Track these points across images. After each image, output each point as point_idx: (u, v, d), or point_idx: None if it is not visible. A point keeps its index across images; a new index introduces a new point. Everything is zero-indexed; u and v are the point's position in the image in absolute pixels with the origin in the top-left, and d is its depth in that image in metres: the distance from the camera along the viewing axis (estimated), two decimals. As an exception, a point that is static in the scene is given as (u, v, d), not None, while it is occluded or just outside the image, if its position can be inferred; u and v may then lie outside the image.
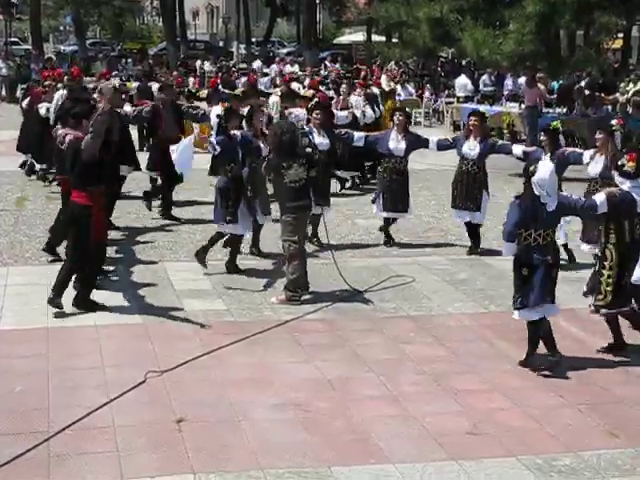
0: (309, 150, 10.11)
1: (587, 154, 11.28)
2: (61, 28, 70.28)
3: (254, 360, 8.04)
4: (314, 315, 9.34)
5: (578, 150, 12.44)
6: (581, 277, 10.92)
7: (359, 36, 54.78)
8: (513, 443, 6.57)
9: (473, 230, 12.24)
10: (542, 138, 11.84)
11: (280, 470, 6.11)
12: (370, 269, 11.13)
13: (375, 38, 48.80)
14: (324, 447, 6.44)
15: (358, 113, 16.93)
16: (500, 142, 12.79)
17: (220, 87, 22.88)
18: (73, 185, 9.19)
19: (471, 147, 12.00)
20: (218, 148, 10.60)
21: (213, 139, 10.89)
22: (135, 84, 22.46)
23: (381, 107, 19.39)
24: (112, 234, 11.58)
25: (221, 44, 61.61)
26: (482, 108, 23.91)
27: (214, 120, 10.60)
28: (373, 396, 7.36)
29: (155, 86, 19.25)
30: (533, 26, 23.76)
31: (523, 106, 22.85)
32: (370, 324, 9.15)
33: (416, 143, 12.43)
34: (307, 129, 12.17)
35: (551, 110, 22.84)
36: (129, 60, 42.04)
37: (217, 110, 11.38)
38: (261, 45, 56.89)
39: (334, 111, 15.63)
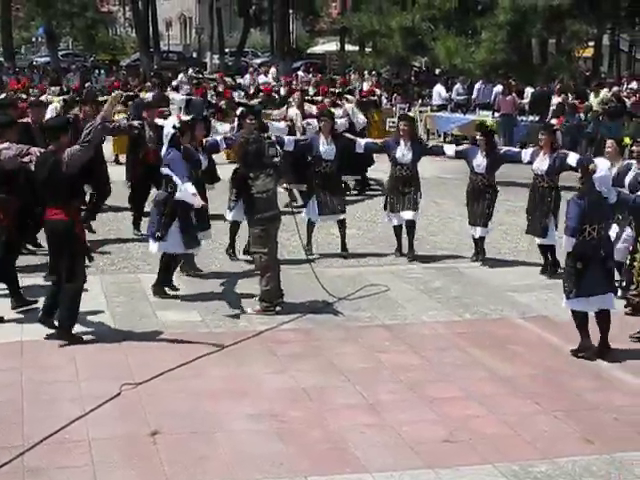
0: (276, 160, 10.08)
1: (526, 153, 11.75)
2: (33, 39, 69.96)
3: (230, 371, 8.02)
4: (289, 325, 9.33)
5: (514, 149, 12.69)
6: (556, 284, 10.98)
7: (332, 46, 54.92)
8: (489, 450, 6.58)
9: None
10: (478, 137, 12.20)
11: (256, 481, 6.10)
12: (345, 278, 11.13)
13: (349, 48, 48.92)
14: (300, 457, 6.43)
15: (354, 120, 17.14)
16: (431, 144, 12.86)
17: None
18: (49, 202, 8.62)
19: (404, 152, 12.07)
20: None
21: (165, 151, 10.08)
22: (149, 94, 22.37)
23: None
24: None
25: (194, 55, 61.49)
26: (455, 116, 24.16)
27: (168, 131, 10.13)
28: (349, 405, 7.36)
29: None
30: (505, 35, 23.99)
31: (497, 114, 22.95)
32: (345, 333, 9.15)
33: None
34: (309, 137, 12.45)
35: (524, 118, 22.92)
36: (102, 71, 41.91)
37: (173, 121, 10.85)
38: (235, 55, 56.85)
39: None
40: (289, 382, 7.81)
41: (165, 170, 9.86)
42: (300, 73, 39.49)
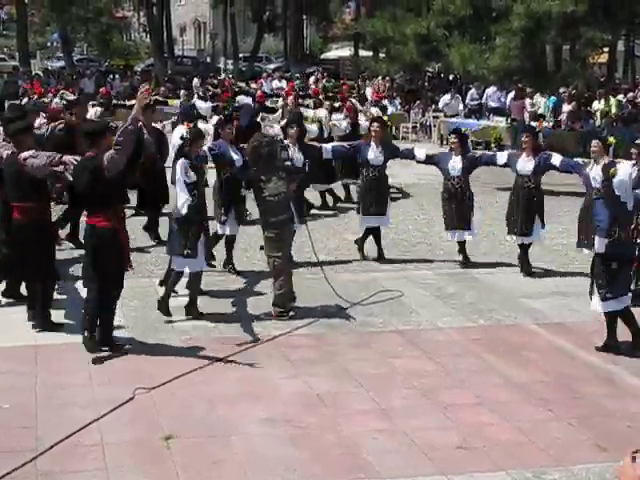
0: (288, 163, 10.08)
1: (502, 155, 12.17)
2: (48, 45, 70.22)
3: (243, 376, 8.02)
4: (303, 330, 9.33)
5: (489, 152, 12.79)
6: (568, 291, 10.96)
7: (346, 51, 54.93)
8: (502, 457, 6.57)
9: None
10: (452, 140, 12.36)
11: (270, 486, 6.10)
12: (359, 283, 11.13)
13: (362, 53, 48.93)
14: (314, 462, 6.42)
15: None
16: (403, 149, 12.88)
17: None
18: (91, 208, 8.44)
19: (376, 154, 12.18)
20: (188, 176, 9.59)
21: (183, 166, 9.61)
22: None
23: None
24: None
25: (208, 60, 61.63)
26: (469, 122, 24.12)
27: (176, 141, 9.91)
28: (362, 411, 7.35)
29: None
30: (519, 41, 23.93)
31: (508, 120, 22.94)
32: (359, 338, 9.15)
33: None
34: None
35: (536, 124, 22.85)
36: (116, 76, 42.02)
37: (181, 130, 10.74)
38: (248, 61, 56.96)
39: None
40: (303, 387, 7.81)
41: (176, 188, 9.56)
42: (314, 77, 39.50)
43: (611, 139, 12.22)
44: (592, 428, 7.09)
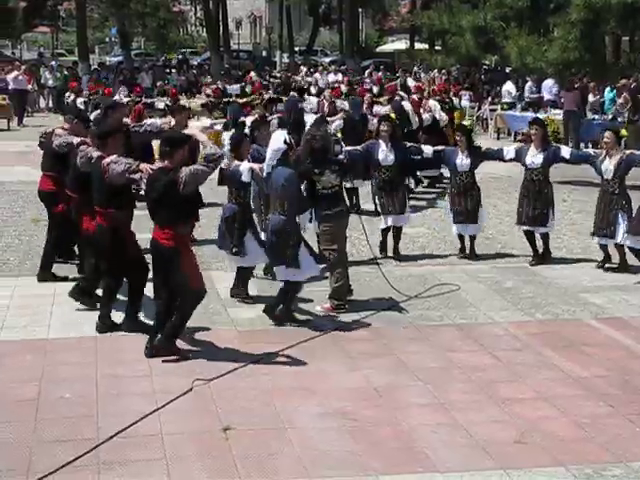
0: (341, 157, 10.07)
1: (508, 151, 12.18)
2: (106, 40, 71.03)
3: (300, 368, 8.04)
4: (360, 323, 9.33)
5: (495, 148, 12.79)
6: (628, 285, 10.84)
7: (402, 44, 54.76)
8: (561, 452, 6.51)
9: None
10: (457, 137, 12.33)
11: (327, 479, 6.11)
12: (415, 277, 11.10)
13: (418, 46, 48.75)
14: (371, 456, 6.43)
15: (437, 116, 17.58)
16: (409, 145, 12.64)
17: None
18: (158, 222, 8.09)
19: (387, 154, 11.97)
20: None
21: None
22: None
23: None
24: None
25: (264, 54, 61.86)
26: (526, 115, 23.88)
27: (279, 146, 9.24)
28: (420, 404, 7.34)
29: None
30: (578, 33, 23.66)
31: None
32: (416, 332, 9.12)
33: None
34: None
35: (597, 116, 22.60)
36: (173, 70, 42.36)
37: (283, 135, 9.89)
38: (304, 54, 57.06)
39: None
40: (360, 380, 7.81)
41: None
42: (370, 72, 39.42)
43: (623, 131, 12.53)
44: (653, 424, 7.01)
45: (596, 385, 7.78)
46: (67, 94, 26.51)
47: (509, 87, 28.09)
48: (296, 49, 59.24)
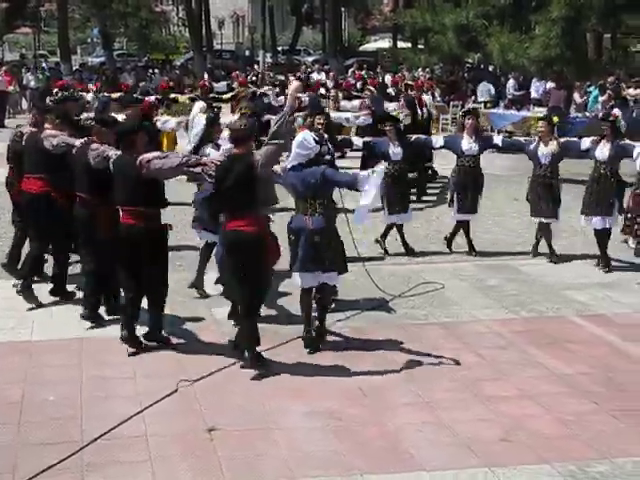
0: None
1: (438, 139, 12.80)
2: (88, 40, 70.75)
3: (285, 368, 8.04)
4: (344, 323, 9.32)
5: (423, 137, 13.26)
6: (612, 282, 10.88)
7: (385, 43, 54.79)
8: (546, 450, 6.53)
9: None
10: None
11: (313, 479, 6.11)
12: (399, 276, 11.11)
13: (401, 45, 48.76)
14: (356, 455, 6.43)
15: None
16: (341, 138, 12.78)
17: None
18: (234, 212, 7.87)
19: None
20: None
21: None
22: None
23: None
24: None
25: (247, 53, 61.78)
26: (510, 113, 23.97)
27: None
28: (405, 403, 7.35)
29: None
30: (559, 30, 23.68)
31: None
32: (401, 331, 9.13)
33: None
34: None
35: (580, 114, 22.68)
36: (156, 71, 42.26)
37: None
38: (287, 54, 57.03)
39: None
40: (345, 380, 7.81)
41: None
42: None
43: (555, 118, 13.46)
44: (638, 420, 7.03)
45: (580, 382, 7.81)
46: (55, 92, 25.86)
47: (486, 86, 28.25)
48: (279, 48, 59.20)
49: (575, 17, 23.50)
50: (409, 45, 44.90)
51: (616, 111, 17.02)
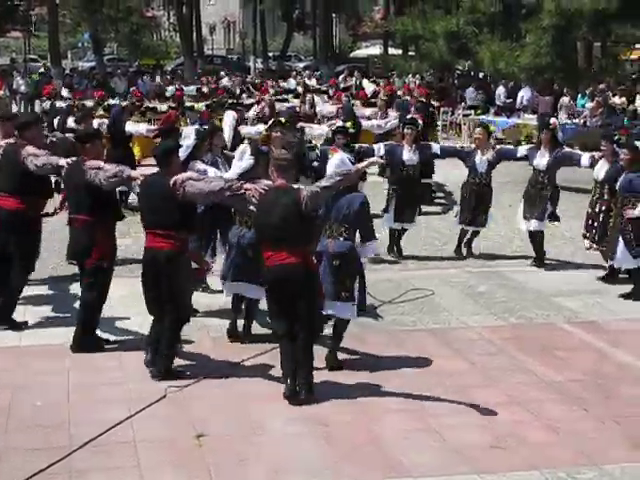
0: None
1: (380, 146, 12.51)
2: (79, 45, 70.67)
3: (274, 374, 8.01)
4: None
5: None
6: (601, 289, 10.90)
7: (376, 49, 54.87)
8: (535, 456, 6.52)
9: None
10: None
11: (301, 485, 6.11)
12: (389, 282, 11.10)
13: (392, 51, 48.86)
14: (345, 461, 6.41)
15: None
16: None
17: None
18: (296, 244, 7.39)
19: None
20: None
21: None
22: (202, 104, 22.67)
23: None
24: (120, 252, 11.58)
25: (238, 59, 61.80)
26: (499, 120, 24.02)
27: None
28: (394, 410, 7.33)
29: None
30: (549, 38, 23.83)
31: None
32: (390, 337, 9.12)
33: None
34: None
35: (569, 121, 22.75)
36: (145, 76, 42.25)
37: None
38: (278, 60, 57.06)
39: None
40: (333, 386, 7.78)
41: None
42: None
43: (492, 127, 14.05)
44: (627, 427, 7.03)
45: (569, 389, 7.81)
46: (44, 100, 24.51)
47: (471, 93, 28.44)
48: (270, 54, 59.20)
49: (565, 26, 23.65)
50: (400, 52, 45.04)
51: (554, 120, 17.30)
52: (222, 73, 38.90)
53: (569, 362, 8.49)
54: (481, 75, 35.11)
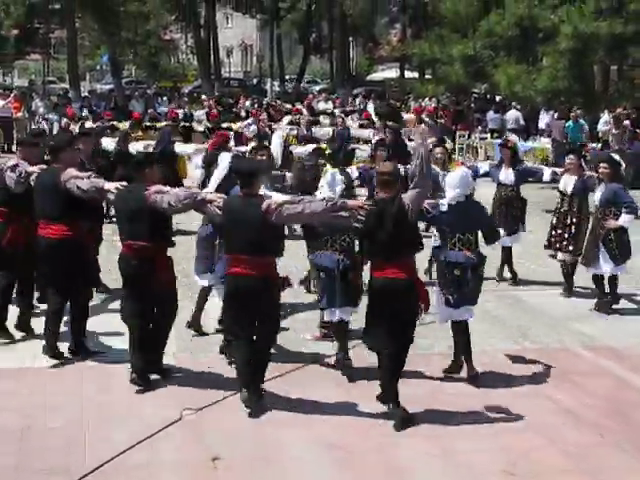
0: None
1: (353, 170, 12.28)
2: (97, 67, 71.14)
3: (290, 397, 8.01)
4: (349, 352, 9.27)
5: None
6: (616, 314, 10.85)
7: (392, 73, 55.01)
8: (551, 482, 6.50)
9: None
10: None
11: (316, 509, 6.09)
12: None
13: (408, 75, 48.95)
14: (360, 485, 6.40)
15: None
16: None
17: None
18: (398, 257, 7.50)
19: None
20: None
21: None
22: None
23: None
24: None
25: (255, 82, 62.04)
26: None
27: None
28: (409, 434, 7.31)
29: None
30: (566, 62, 23.81)
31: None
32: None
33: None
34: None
35: (595, 145, 22.77)
36: (164, 98, 42.46)
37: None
38: (295, 82, 57.24)
39: None
40: (349, 409, 7.78)
41: None
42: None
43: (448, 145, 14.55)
44: (642, 454, 7.00)
45: (586, 414, 7.78)
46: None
47: (492, 115, 28.55)
48: (287, 77, 59.43)
49: (582, 49, 23.65)
50: (416, 75, 45.13)
51: (514, 137, 18.34)
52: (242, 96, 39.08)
53: (585, 387, 8.44)
54: (498, 98, 35.11)
